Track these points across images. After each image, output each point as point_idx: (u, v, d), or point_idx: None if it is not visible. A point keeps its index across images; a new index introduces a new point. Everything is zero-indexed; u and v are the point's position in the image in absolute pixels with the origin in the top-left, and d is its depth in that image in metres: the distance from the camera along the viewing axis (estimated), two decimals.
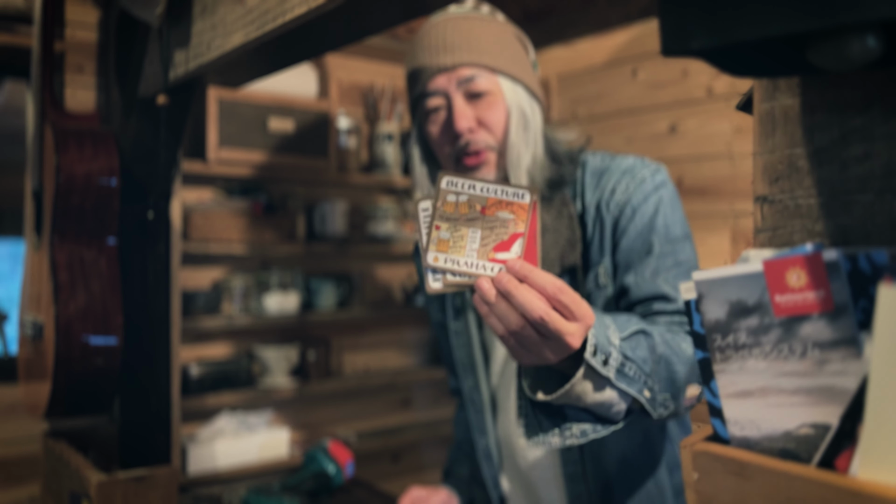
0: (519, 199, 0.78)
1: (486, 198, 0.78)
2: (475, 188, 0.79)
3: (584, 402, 0.84)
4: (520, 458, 1.25)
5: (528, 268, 0.75)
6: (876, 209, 0.52)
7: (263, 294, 2.50)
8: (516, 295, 0.74)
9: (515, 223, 0.78)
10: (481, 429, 1.30)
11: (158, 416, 1.47)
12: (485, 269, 0.77)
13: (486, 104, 1.14)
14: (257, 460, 2.37)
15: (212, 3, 1.13)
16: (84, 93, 1.68)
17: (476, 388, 1.30)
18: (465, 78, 1.13)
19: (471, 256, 0.78)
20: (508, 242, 0.78)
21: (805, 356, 0.49)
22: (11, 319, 3.74)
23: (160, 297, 1.48)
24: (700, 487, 0.52)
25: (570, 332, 0.76)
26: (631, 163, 1.17)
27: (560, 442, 0.87)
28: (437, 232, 0.78)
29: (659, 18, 0.49)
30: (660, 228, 1.10)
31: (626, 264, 1.11)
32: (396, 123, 2.79)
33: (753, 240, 0.59)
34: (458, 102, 1.13)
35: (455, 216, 0.78)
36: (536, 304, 0.74)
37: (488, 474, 1.31)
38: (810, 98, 0.55)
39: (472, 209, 0.78)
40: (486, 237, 0.78)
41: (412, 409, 2.99)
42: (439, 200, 0.79)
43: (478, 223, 0.78)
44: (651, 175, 1.14)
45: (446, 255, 0.78)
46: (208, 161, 2.33)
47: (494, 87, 1.14)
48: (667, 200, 1.13)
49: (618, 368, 0.83)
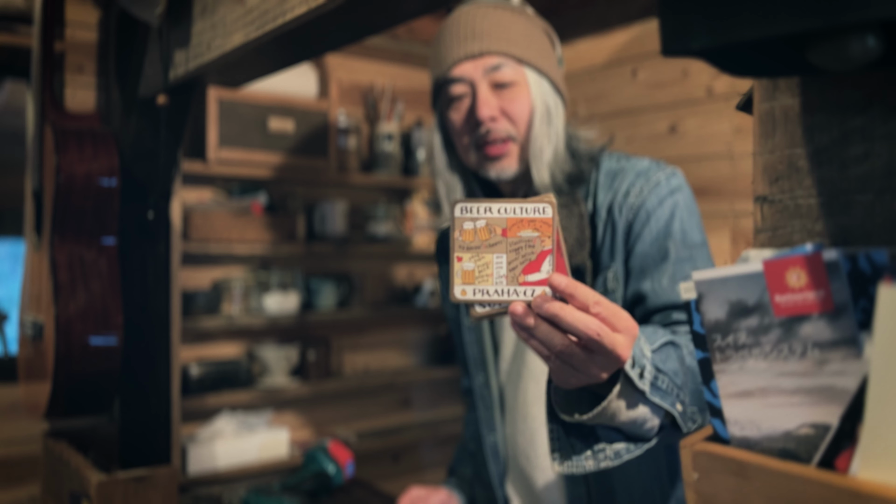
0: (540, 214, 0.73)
1: (504, 219, 0.73)
2: (492, 210, 0.74)
3: (618, 419, 0.80)
4: (521, 458, 1.25)
5: (572, 285, 0.70)
6: (876, 209, 0.52)
7: (263, 294, 2.50)
8: (564, 317, 0.70)
9: (541, 240, 0.73)
10: (490, 425, 1.30)
11: (158, 416, 1.47)
12: (517, 293, 0.72)
13: (510, 94, 1.12)
14: (257, 460, 2.37)
15: (212, 3, 1.13)
16: (84, 93, 1.68)
17: (486, 385, 1.30)
18: (491, 66, 1.11)
19: (500, 284, 0.73)
20: (537, 262, 0.73)
21: (805, 356, 0.49)
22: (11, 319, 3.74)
23: (160, 297, 1.48)
24: (700, 487, 0.52)
25: (621, 344, 0.72)
26: (646, 165, 1.14)
27: (594, 465, 0.83)
28: (459, 264, 0.73)
29: (659, 18, 0.49)
30: (676, 233, 1.07)
31: (641, 270, 1.08)
32: (396, 123, 2.79)
33: (753, 240, 0.59)
34: (482, 90, 1.12)
35: (476, 244, 0.74)
36: (589, 321, 0.70)
37: (494, 472, 1.30)
38: (810, 98, 0.55)
39: (493, 233, 0.73)
40: (513, 261, 0.73)
41: (412, 409, 2.99)
42: (456, 230, 0.74)
43: (501, 247, 0.73)
44: (666, 178, 1.11)
45: (474, 287, 0.73)
46: (208, 161, 2.33)
47: (520, 78, 1.13)
48: (682, 205, 1.10)
49: (651, 381, 0.80)
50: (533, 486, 1.24)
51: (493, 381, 1.29)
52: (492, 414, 1.30)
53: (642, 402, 0.81)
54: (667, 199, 1.09)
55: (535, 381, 1.22)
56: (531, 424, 1.23)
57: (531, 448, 1.23)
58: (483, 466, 1.35)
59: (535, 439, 1.22)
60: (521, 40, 1.13)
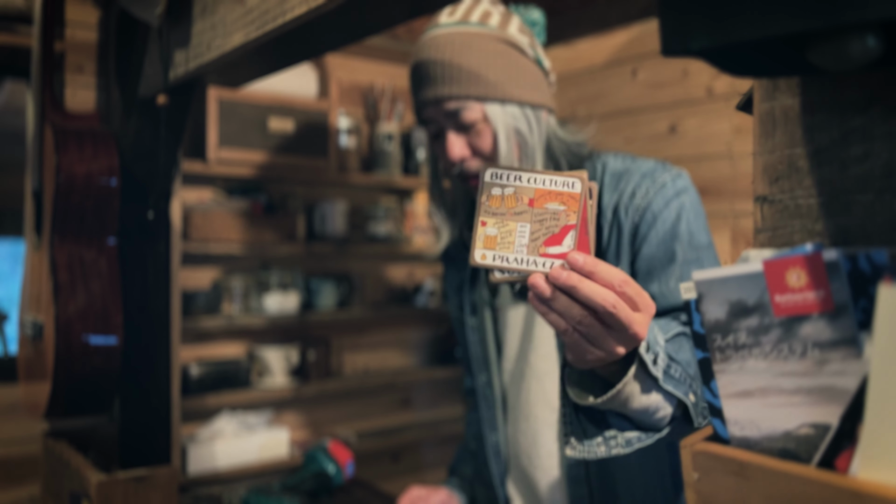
0: (569, 188, 0.73)
1: (533, 189, 0.74)
2: (521, 179, 0.74)
3: (630, 405, 0.81)
4: (524, 458, 1.25)
5: (592, 262, 0.70)
6: (876, 209, 0.52)
7: (263, 294, 2.50)
8: (581, 288, 0.70)
9: (567, 214, 0.73)
10: (492, 425, 1.30)
11: (158, 416, 1.47)
12: (536, 264, 0.73)
13: (475, 133, 1.14)
14: (257, 460, 2.37)
15: (212, 3, 1.13)
16: (84, 93, 1.68)
17: (489, 384, 1.30)
18: (451, 111, 1.13)
19: (520, 252, 0.73)
20: (560, 235, 0.73)
21: (805, 356, 0.49)
22: (11, 319, 3.74)
23: (160, 297, 1.48)
24: (700, 487, 0.52)
25: (638, 322, 0.72)
26: (651, 166, 1.13)
27: (605, 451, 0.84)
28: (482, 228, 0.74)
29: (659, 18, 0.49)
30: (683, 235, 1.07)
31: (648, 272, 1.08)
32: (396, 123, 2.79)
33: (753, 240, 0.59)
34: (449, 135, 1.15)
35: (501, 210, 0.74)
36: (605, 293, 0.70)
37: (496, 472, 1.30)
38: (810, 98, 0.55)
39: (520, 202, 0.74)
40: (536, 231, 0.73)
41: (412, 409, 2.99)
42: (484, 195, 0.74)
43: (526, 216, 0.73)
44: (672, 180, 1.11)
45: (494, 252, 0.73)
46: (208, 161, 2.33)
47: (481, 115, 1.13)
48: (689, 206, 1.09)
49: (664, 369, 0.81)
50: (535, 486, 1.24)
51: (495, 380, 1.29)
52: (494, 413, 1.30)
53: (655, 389, 0.82)
54: (673, 201, 1.09)
55: (538, 381, 1.21)
56: (534, 424, 1.22)
57: (533, 448, 1.23)
58: (484, 466, 1.35)
59: (538, 439, 1.22)
60: (477, 73, 1.12)
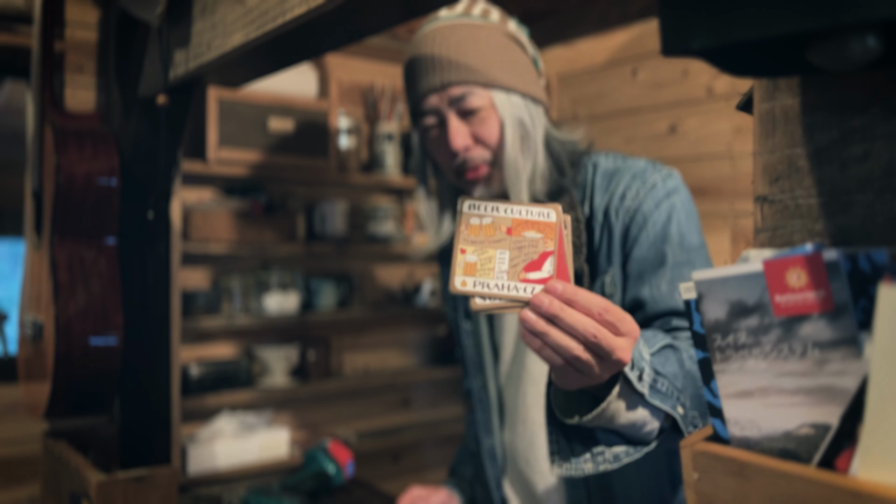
0: (545, 217, 0.76)
1: (510, 218, 0.76)
2: (498, 210, 0.77)
3: (617, 421, 0.81)
4: (521, 461, 1.25)
5: (572, 290, 0.71)
6: (876, 209, 0.51)
7: (263, 294, 2.50)
8: (564, 317, 0.71)
9: (544, 241, 0.75)
10: (487, 428, 1.30)
11: (158, 416, 1.47)
12: (517, 290, 0.74)
13: (479, 120, 1.12)
14: (257, 460, 2.37)
15: (212, 3, 1.13)
16: (84, 93, 1.68)
17: (484, 388, 1.30)
18: (455, 97, 1.11)
19: (501, 278, 0.74)
20: (539, 262, 0.75)
21: (805, 356, 0.49)
22: (11, 319, 3.74)
23: (160, 297, 1.48)
24: (700, 487, 0.52)
25: (621, 347, 0.73)
26: (642, 166, 1.12)
27: (592, 468, 0.84)
28: (462, 256, 0.75)
29: (659, 18, 0.49)
30: (673, 237, 1.06)
31: (639, 275, 1.07)
32: (396, 123, 2.79)
33: (753, 240, 0.59)
34: (452, 122, 1.12)
35: (480, 239, 0.76)
36: (587, 322, 0.71)
37: (492, 475, 1.30)
38: (810, 98, 0.55)
39: (498, 230, 0.76)
40: (516, 257, 0.75)
41: (412, 409, 2.99)
42: (462, 225, 0.76)
43: (505, 243, 0.75)
44: (663, 180, 1.10)
45: (475, 279, 0.75)
46: (208, 161, 2.33)
47: (487, 102, 1.12)
48: (680, 207, 1.08)
49: (650, 384, 0.81)
50: (532, 489, 1.24)
51: (491, 384, 1.29)
52: (489, 417, 1.29)
53: (641, 404, 0.81)
54: (663, 202, 1.08)
55: (534, 384, 1.21)
56: (530, 428, 1.22)
57: (531, 451, 1.23)
58: (482, 467, 1.35)
59: (535, 443, 1.22)
60: (483, 61, 1.11)
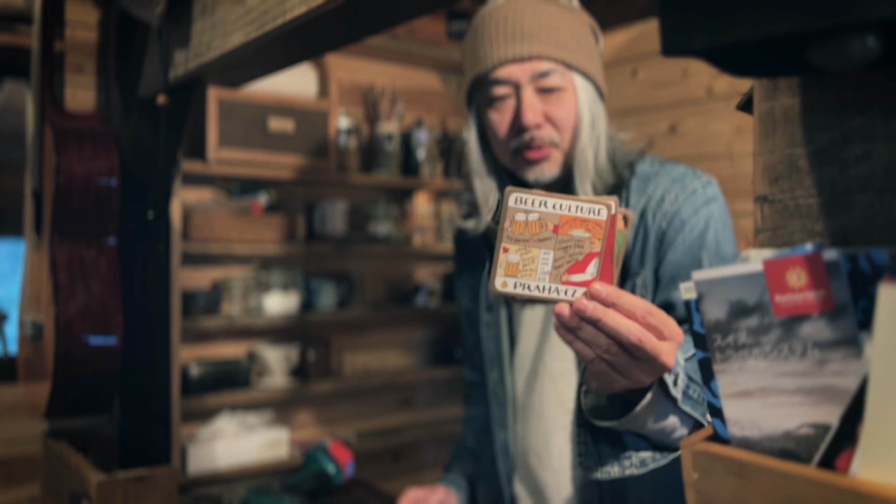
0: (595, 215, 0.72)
1: (558, 215, 0.72)
2: (546, 205, 0.72)
3: (648, 426, 0.80)
4: (532, 458, 1.24)
5: (615, 294, 0.69)
6: (876, 209, 0.51)
7: (263, 294, 2.50)
8: (607, 321, 0.69)
9: (591, 242, 0.71)
10: (502, 423, 1.29)
11: (158, 416, 1.47)
12: (559, 292, 0.71)
13: (556, 99, 1.09)
14: (257, 460, 2.37)
15: (212, 3, 1.13)
16: (84, 93, 1.68)
17: (501, 382, 1.28)
18: (540, 72, 1.07)
19: (543, 280, 0.71)
20: (583, 263, 0.71)
21: (805, 356, 0.49)
22: (11, 319, 3.74)
23: (160, 297, 1.47)
24: (700, 487, 0.52)
25: (665, 351, 0.71)
26: (681, 171, 1.11)
27: (619, 472, 0.83)
28: (504, 255, 0.72)
29: (659, 18, 0.49)
30: (710, 244, 1.05)
31: (672, 279, 1.06)
32: (396, 123, 2.79)
33: (753, 240, 0.59)
34: (528, 95, 1.08)
35: (525, 237, 0.72)
36: (631, 326, 0.69)
37: (503, 470, 1.29)
38: (810, 98, 0.55)
39: (545, 228, 0.72)
40: (560, 258, 0.71)
41: (412, 409, 2.99)
42: (507, 220, 0.72)
43: (550, 243, 0.72)
44: (703, 187, 1.09)
45: (516, 280, 0.72)
46: (208, 161, 2.33)
47: (568, 84, 1.09)
48: (717, 216, 1.08)
49: (683, 390, 0.79)
50: (543, 486, 1.23)
51: (507, 378, 1.27)
52: (505, 411, 1.28)
53: (673, 410, 0.81)
54: (702, 209, 1.07)
55: (551, 380, 1.20)
56: (545, 424, 1.21)
57: (544, 448, 1.22)
58: (491, 464, 1.34)
59: (549, 439, 1.21)
60: (570, 42, 1.08)
